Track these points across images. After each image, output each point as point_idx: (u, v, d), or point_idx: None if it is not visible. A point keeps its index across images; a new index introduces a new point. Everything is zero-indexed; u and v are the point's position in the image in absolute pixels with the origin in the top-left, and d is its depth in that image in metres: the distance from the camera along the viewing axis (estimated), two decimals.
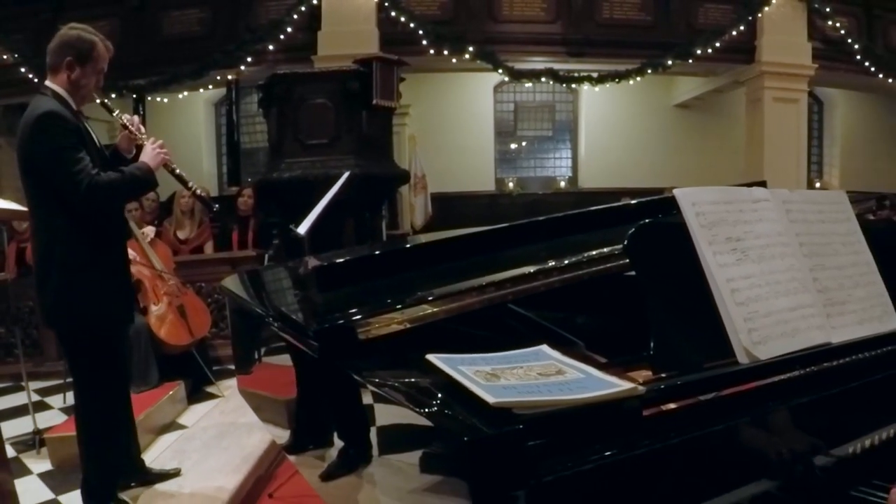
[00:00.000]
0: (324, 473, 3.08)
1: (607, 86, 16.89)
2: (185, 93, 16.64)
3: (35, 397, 7.75)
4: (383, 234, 12.47)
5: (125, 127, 5.19)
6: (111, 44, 5.10)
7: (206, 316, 8.97)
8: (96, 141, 5.07)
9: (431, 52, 15.34)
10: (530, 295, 2.94)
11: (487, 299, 2.85)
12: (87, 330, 4.98)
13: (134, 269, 7.90)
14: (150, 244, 8.62)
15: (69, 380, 6.76)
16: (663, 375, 2.38)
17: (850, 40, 17.09)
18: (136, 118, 5.30)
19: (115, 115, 5.34)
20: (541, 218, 3.90)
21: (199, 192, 5.65)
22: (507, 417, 1.97)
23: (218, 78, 15.81)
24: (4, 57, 14.99)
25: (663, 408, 2.24)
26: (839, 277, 2.92)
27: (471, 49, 15.29)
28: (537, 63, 16.40)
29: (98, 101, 5.23)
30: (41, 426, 6.91)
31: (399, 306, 2.73)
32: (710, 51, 16.25)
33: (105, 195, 4.72)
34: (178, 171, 5.28)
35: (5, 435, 4.56)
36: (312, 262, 4.61)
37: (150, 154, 5.01)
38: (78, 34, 4.90)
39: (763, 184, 3.23)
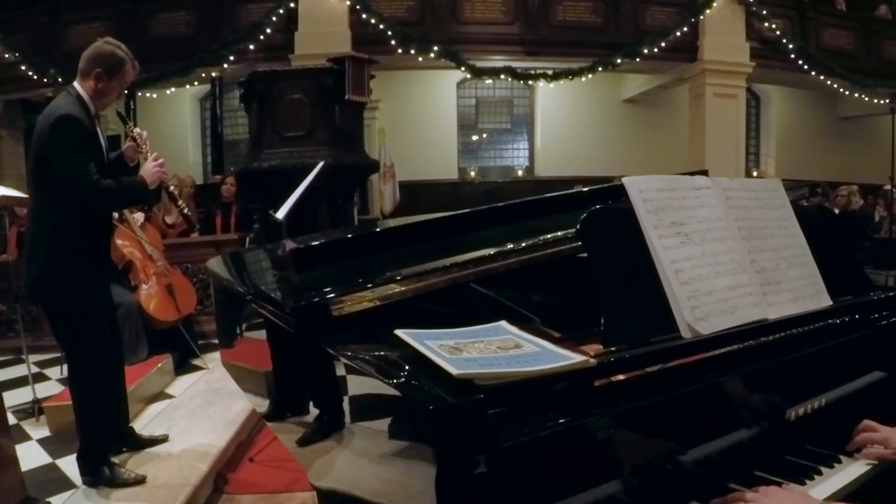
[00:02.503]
0: (300, 439, 3.07)
1: (561, 82, 17.08)
2: (173, 89, 16.60)
3: (34, 369, 7.73)
4: (355, 219, 12.44)
5: (134, 139, 5.25)
6: (138, 64, 5.14)
7: (192, 294, 9.01)
8: (104, 146, 5.09)
9: (399, 51, 15.48)
10: (490, 275, 2.93)
11: (451, 279, 2.84)
12: (65, 307, 5.04)
13: (126, 250, 7.93)
14: (140, 228, 8.60)
15: (64, 352, 6.73)
16: (613, 349, 2.37)
17: (784, 40, 17.30)
18: (144, 133, 5.32)
19: (127, 126, 5.39)
20: (500, 204, 3.89)
21: (185, 211, 5.79)
22: (469, 388, 1.96)
23: (203, 75, 15.78)
24: (6, 56, 14.88)
25: (613, 379, 2.24)
26: (775, 259, 2.92)
27: (436, 48, 15.44)
28: (497, 61, 16.53)
29: (116, 110, 5.26)
30: (40, 396, 6.94)
31: (370, 285, 2.71)
32: (656, 50, 16.48)
33: (101, 200, 4.83)
34: (171, 188, 5.46)
35: (7, 404, 4.55)
36: (290, 244, 4.58)
37: (149, 171, 5.07)
38: (112, 50, 5.00)
39: (705, 172, 3.24)
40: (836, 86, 18.23)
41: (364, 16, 15.27)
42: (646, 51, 16.32)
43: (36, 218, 5.04)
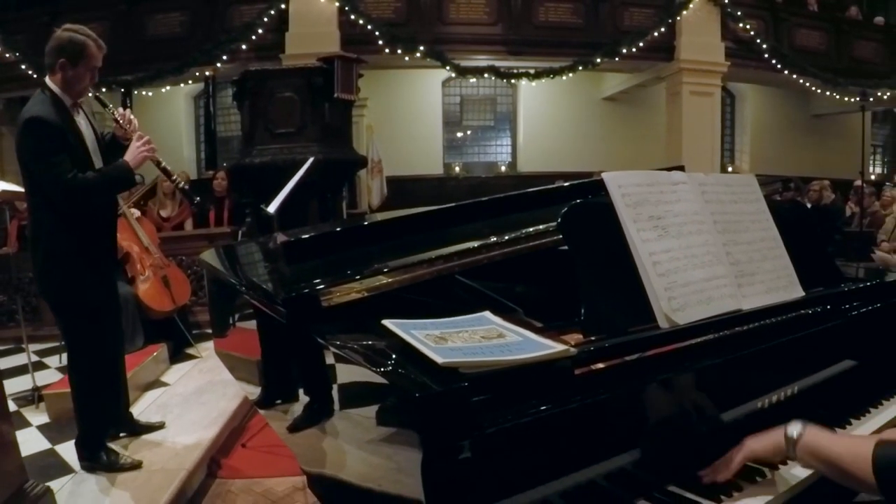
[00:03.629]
0: (291, 426, 3.07)
1: (543, 81, 17.12)
2: (168, 87, 16.50)
3: (34, 358, 7.69)
4: (343, 212, 12.45)
5: (116, 121, 5.12)
6: (103, 43, 5.04)
7: (186, 286, 8.98)
8: (86, 137, 4.96)
9: (387, 51, 15.46)
10: (474, 267, 2.93)
11: (436, 271, 2.83)
12: (65, 302, 5.01)
13: (124, 243, 7.90)
14: (136, 221, 8.60)
15: (64, 342, 6.74)
16: (593, 339, 2.39)
17: (758, 40, 17.36)
18: (127, 112, 5.17)
19: (107, 108, 5.26)
20: (484, 198, 3.89)
21: (181, 184, 5.51)
22: (453, 376, 1.97)
23: (197, 74, 15.73)
24: (7, 55, 14.90)
25: (593, 367, 2.25)
26: (749, 251, 2.93)
27: (421, 48, 15.44)
28: (481, 61, 16.51)
29: (92, 94, 5.15)
30: (39, 383, 6.92)
31: (358, 277, 2.71)
32: (634, 50, 16.51)
33: (81, 195, 4.67)
34: (163, 164, 5.17)
35: (7, 391, 4.53)
36: (281, 237, 4.58)
37: (132, 153, 4.90)
38: (70, 36, 4.80)
39: (681, 168, 3.23)
40: (808, 84, 18.28)
41: (352, 17, 15.25)
42: (624, 50, 16.35)
43: (33, 218, 5.02)
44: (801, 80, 18.06)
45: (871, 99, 16.51)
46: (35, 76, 14.48)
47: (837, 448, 2.16)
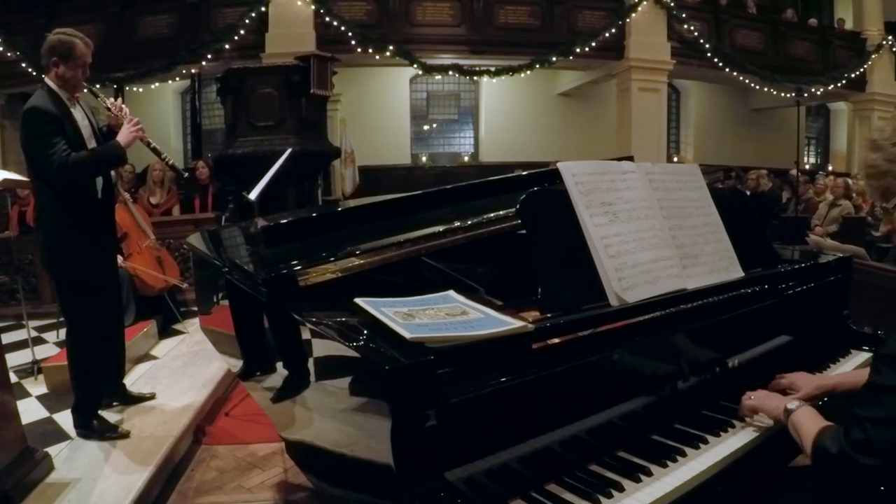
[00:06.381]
0: (270, 396, 3.07)
1: (503, 78, 17.15)
2: (157, 84, 16.44)
3: (34, 333, 7.73)
4: (319, 199, 12.45)
5: (108, 109, 5.24)
6: (93, 42, 5.09)
7: (175, 267, 9.06)
8: (80, 126, 5.03)
9: (359, 50, 15.48)
10: (440, 249, 2.93)
11: (405, 253, 2.83)
12: (66, 276, 5.07)
13: (123, 224, 7.91)
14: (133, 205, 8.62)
15: (62, 319, 6.89)
16: (549, 316, 2.39)
17: (702, 40, 17.47)
18: (119, 101, 5.29)
19: (99, 98, 5.36)
20: (448, 186, 3.88)
21: (170, 162, 5.55)
22: (420, 350, 1.97)
23: (183, 71, 15.68)
24: (8, 54, 14.82)
25: (549, 342, 2.26)
26: (693, 235, 2.95)
27: (391, 48, 15.46)
28: (445, 59, 16.56)
29: (86, 88, 5.18)
30: (39, 357, 7.01)
31: (332, 259, 2.70)
32: (587, 49, 16.61)
33: (74, 171, 4.74)
34: (152, 144, 5.24)
35: (9, 364, 4.53)
36: (261, 222, 4.57)
37: (123, 133, 5.01)
38: (59, 38, 4.95)
39: (631, 158, 3.23)
40: (747, 81, 18.38)
41: (327, 19, 15.23)
42: (578, 50, 16.40)
43: (36, 200, 5.11)
44: (741, 77, 18.19)
45: (806, 94, 16.71)
46: (34, 73, 14.43)
47: (807, 429, 2.26)
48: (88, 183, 5.05)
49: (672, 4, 17.17)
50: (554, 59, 16.41)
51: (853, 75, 19.80)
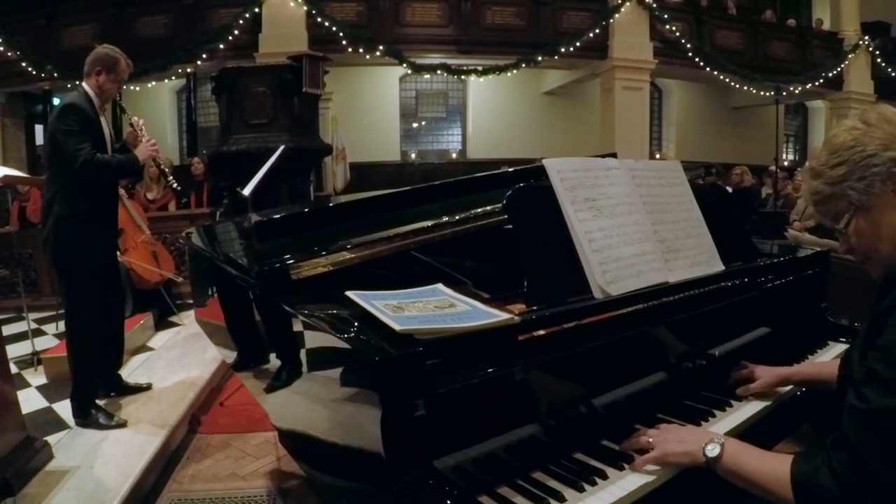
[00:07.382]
0: (263, 386, 3.07)
1: (490, 77, 17.27)
2: (153, 83, 16.38)
3: (34, 325, 7.75)
4: (311, 195, 12.45)
5: (132, 126, 5.51)
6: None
7: (171, 261, 9.12)
8: (107, 132, 5.32)
9: (350, 50, 15.55)
10: (429, 244, 2.94)
11: (394, 247, 2.84)
12: (64, 263, 5.16)
13: (119, 220, 7.93)
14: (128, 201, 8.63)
15: (61, 311, 6.89)
16: (534, 308, 2.38)
17: (683, 40, 17.59)
18: (141, 121, 5.58)
19: (125, 114, 5.70)
20: (437, 182, 3.87)
21: (175, 186, 6.16)
22: (409, 341, 1.98)
23: (179, 71, 15.63)
24: (8, 54, 14.78)
25: (535, 334, 2.25)
26: (675, 230, 2.95)
27: (381, 48, 15.53)
28: (434, 59, 16.61)
29: (118, 101, 5.66)
30: (38, 348, 7.04)
31: (324, 253, 2.71)
32: (571, 49, 16.69)
33: (96, 170, 4.95)
34: (162, 166, 5.85)
35: (9, 355, 4.55)
36: (254, 217, 4.57)
37: (142, 149, 5.36)
38: (108, 52, 5.29)
39: (614, 155, 3.24)
40: (727, 80, 18.50)
41: (319, 19, 15.27)
42: (563, 50, 16.46)
43: (49, 186, 5.17)
44: (722, 76, 18.30)
45: (784, 93, 16.75)
46: (34, 72, 14.49)
47: (756, 468, 1.99)
48: (104, 183, 5.24)
49: (654, 5, 17.27)
50: (539, 58, 16.46)
51: (830, 74, 19.92)
